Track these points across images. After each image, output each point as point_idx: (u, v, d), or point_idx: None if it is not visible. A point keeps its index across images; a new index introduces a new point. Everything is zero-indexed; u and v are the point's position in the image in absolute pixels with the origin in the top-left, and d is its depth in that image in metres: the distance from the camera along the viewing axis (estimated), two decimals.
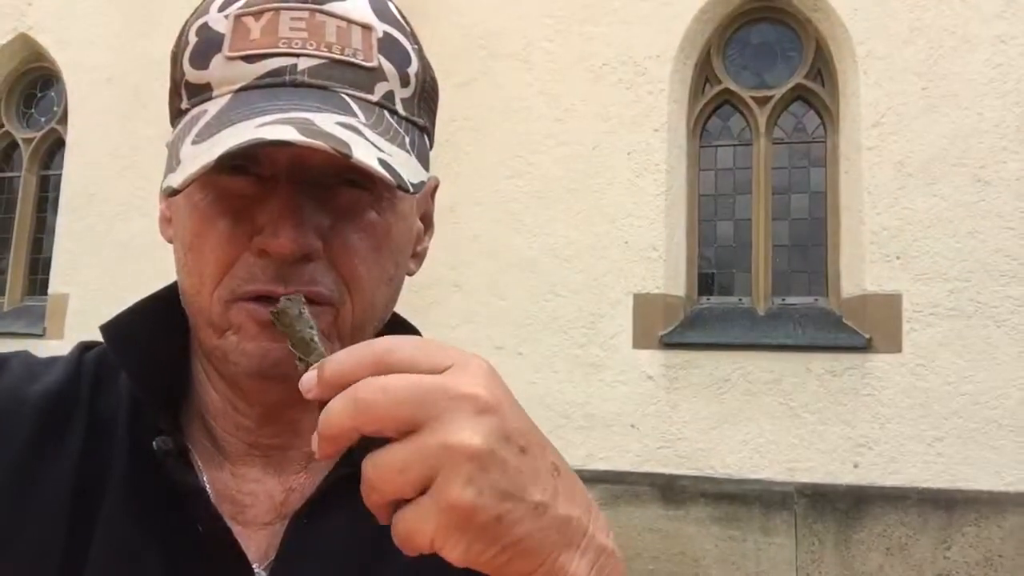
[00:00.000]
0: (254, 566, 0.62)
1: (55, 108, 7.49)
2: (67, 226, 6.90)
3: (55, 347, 6.45)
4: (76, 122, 7.04)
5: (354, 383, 0.44)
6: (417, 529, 0.43)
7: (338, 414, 0.43)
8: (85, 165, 6.90)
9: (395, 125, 0.60)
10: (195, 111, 0.59)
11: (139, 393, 0.65)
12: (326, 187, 0.59)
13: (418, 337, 0.46)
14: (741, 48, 5.94)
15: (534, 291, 5.68)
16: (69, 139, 7.09)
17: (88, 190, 6.84)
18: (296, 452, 0.67)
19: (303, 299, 0.52)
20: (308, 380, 0.46)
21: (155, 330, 0.67)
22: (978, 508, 4.76)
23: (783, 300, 5.60)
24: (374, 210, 0.61)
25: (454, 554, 0.44)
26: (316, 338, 0.50)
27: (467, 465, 0.42)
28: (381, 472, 0.43)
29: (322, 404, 0.45)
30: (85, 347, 0.72)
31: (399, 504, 0.44)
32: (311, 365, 0.48)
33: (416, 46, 0.64)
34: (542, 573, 0.46)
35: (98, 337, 0.71)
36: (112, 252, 6.66)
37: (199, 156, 0.53)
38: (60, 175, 7.16)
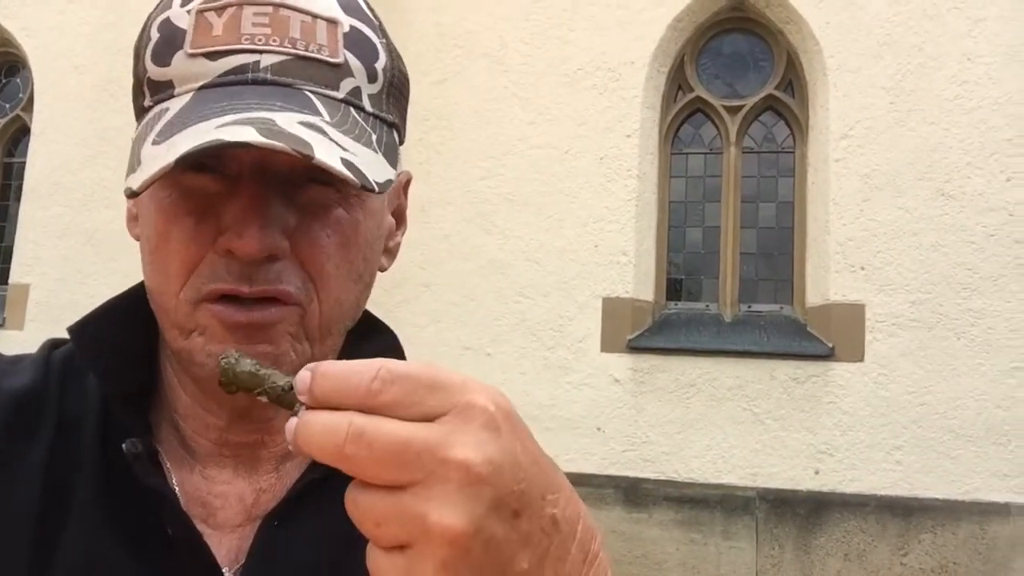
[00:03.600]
0: (224, 570, 0.61)
1: (20, 95, 7.35)
2: (30, 215, 6.77)
3: (15, 338, 6.32)
4: (42, 109, 6.91)
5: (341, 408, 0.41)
6: None
7: (319, 449, 0.40)
8: (50, 153, 6.78)
9: (361, 122, 0.59)
10: (157, 109, 0.58)
11: (108, 395, 0.64)
12: (292, 184, 0.58)
13: (418, 368, 0.42)
14: (714, 57, 6.00)
15: (503, 293, 5.68)
16: (34, 127, 6.96)
17: (52, 179, 6.72)
18: (267, 452, 0.66)
19: (233, 351, 0.48)
20: (290, 427, 0.42)
21: (123, 331, 0.66)
22: (935, 516, 4.84)
23: (749, 307, 5.66)
24: (342, 207, 0.60)
25: None
26: (260, 367, 0.46)
27: (444, 549, 0.39)
28: (358, 515, 0.41)
29: None
30: (53, 345, 0.71)
31: None
32: (273, 391, 0.45)
33: (384, 39, 0.63)
34: None
35: (60, 328, 0.70)
36: (75, 242, 6.55)
37: (158, 158, 0.52)
38: (24, 163, 7.02)
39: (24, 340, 6.26)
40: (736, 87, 5.92)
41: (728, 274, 5.69)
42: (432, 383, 0.41)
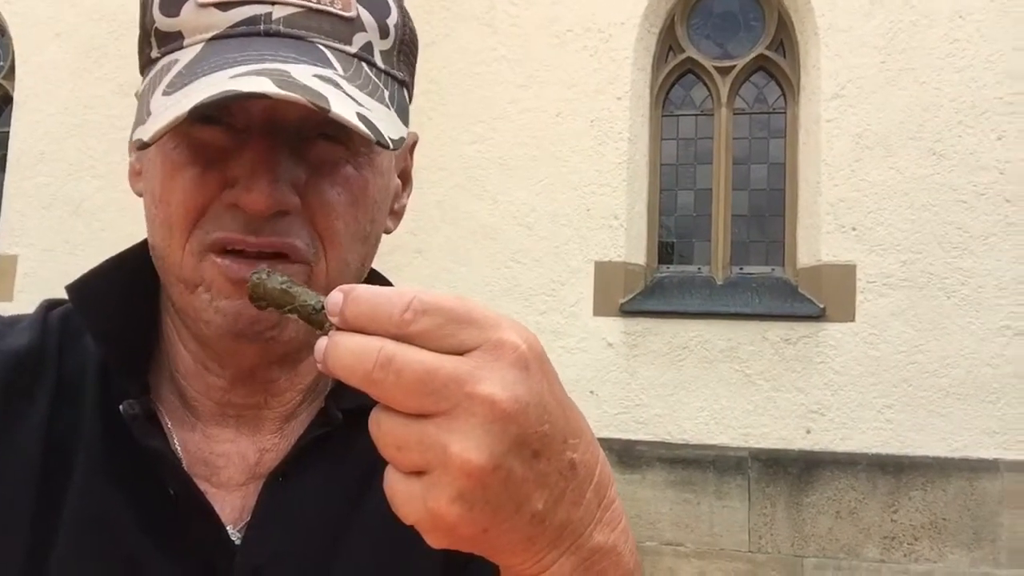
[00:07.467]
0: (228, 528, 0.61)
1: (1, 63, 7.23)
2: (16, 186, 6.69)
3: (4, 309, 6.27)
4: (24, 78, 6.80)
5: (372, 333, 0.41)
6: (400, 507, 0.42)
7: (347, 370, 0.41)
8: (34, 123, 6.68)
9: (374, 78, 0.58)
10: (166, 60, 0.57)
11: (105, 356, 0.63)
12: (301, 139, 0.57)
13: (451, 300, 0.41)
14: (704, 17, 5.93)
15: (495, 258, 5.67)
16: (17, 96, 6.85)
17: (37, 148, 6.64)
18: (270, 413, 0.65)
19: (264, 268, 0.49)
20: (320, 346, 0.42)
21: (123, 290, 0.65)
22: (925, 473, 4.90)
23: (741, 269, 5.67)
24: (351, 165, 0.59)
25: (433, 545, 0.42)
26: (292, 285, 0.46)
27: (461, 481, 0.39)
28: (380, 437, 0.41)
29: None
30: (50, 305, 0.70)
31: None
32: (303, 309, 0.45)
33: None
34: (518, 569, 0.45)
35: (46, 299, 0.69)
36: (63, 213, 6.48)
37: (170, 108, 0.51)
38: (8, 133, 6.93)
39: (13, 311, 6.20)
40: (727, 47, 5.86)
41: (720, 236, 5.68)
42: (464, 317, 0.41)
